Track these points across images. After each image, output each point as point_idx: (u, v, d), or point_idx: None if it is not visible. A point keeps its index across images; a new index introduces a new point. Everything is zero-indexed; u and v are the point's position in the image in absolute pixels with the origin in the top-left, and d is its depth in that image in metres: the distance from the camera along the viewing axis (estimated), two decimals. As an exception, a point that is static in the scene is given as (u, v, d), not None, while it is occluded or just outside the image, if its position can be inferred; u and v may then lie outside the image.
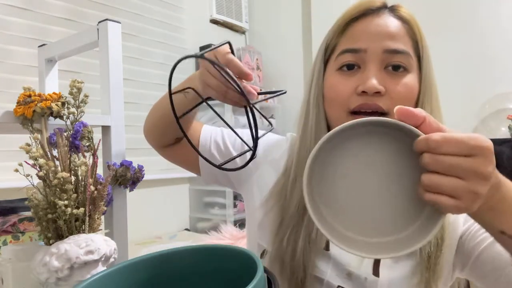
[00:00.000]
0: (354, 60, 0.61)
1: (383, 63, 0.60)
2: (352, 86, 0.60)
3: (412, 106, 0.60)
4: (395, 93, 0.59)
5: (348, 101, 0.60)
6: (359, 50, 0.60)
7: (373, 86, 0.57)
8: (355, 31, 0.62)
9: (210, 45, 2.40)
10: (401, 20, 0.62)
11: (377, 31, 0.60)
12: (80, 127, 0.61)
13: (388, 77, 0.60)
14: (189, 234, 2.24)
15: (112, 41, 0.76)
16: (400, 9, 0.63)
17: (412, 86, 0.60)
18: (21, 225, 0.93)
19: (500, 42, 2.06)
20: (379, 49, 0.59)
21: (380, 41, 0.60)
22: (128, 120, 1.87)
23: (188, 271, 0.43)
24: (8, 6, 1.60)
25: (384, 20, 0.61)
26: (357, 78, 0.60)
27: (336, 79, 0.62)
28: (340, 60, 0.62)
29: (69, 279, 0.51)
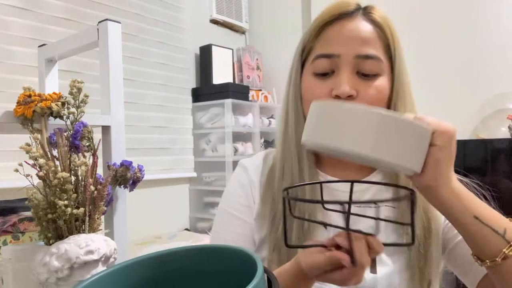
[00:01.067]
0: (328, 66, 0.64)
1: (355, 68, 0.63)
2: (327, 89, 0.64)
3: (383, 106, 0.64)
4: (367, 96, 0.62)
5: None
6: (332, 55, 0.64)
7: (345, 91, 0.61)
8: (329, 36, 0.65)
9: (210, 46, 2.41)
10: (373, 23, 0.64)
11: (350, 36, 0.64)
12: (80, 127, 0.61)
13: (360, 81, 0.63)
14: (189, 234, 2.24)
15: (112, 41, 0.76)
16: (374, 12, 0.66)
17: (383, 88, 0.64)
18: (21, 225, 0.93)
19: (500, 42, 2.06)
20: (351, 54, 0.63)
21: (352, 46, 0.63)
22: (128, 120, 1.88)
23: (188, 271, 0.43)
24: (8, 6, 1.60)
25: (357, 25, 0.64)
26: (331, 82, 0.64)
27: (312, 83, 0.66)
28: (315, 65, 0.66)
29: (69, 279, 0.51)
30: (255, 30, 2.87)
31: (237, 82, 2.62)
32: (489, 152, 1.91)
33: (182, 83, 2.35)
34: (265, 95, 2.65)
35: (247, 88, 2.45)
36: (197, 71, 2.49)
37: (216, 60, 2.43)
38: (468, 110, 2.10)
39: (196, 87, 2.45)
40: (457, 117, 2.12)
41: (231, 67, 2.56)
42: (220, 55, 2.46)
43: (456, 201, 0.51)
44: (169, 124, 2.26)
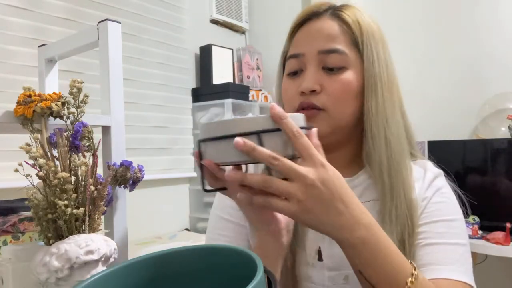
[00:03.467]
0: (297, 66, 0.67)
1: (320, 64, 0.65)
2: (296, 88, 0.66)
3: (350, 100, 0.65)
4: (331, 90, 0.64)
5: (293, 102, 0.66)
6: (298, 55, 0.67)
7: (307, 86, 0.63)
8: (298, 37, 0.69)
9: (210, 46, 2.41)
10: (340, 20, 0.66)
11: (314, 35, 0.66)
12: (80, 127, 0.61)
13: (325, 76, 0.65)
14: (189, 234, 2.23)
15: (112, 41, 0.76)
16: (342, 10, 0.67)
17: (348, 81, 0.64)
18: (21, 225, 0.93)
19: (500, 42, 2.06)
20: (314, 51, 0.65)
21: (315, 43, 0.65)
22: (128, 120, 1.88)
23: (188, 271, 0.43)
24: (8, 6, 1.60)
25: (322, 24, 0.67)
26: (299, 80, 0.66)
27: (286, 83, 0.69)
28: (287, 66, 0.70)
29: (69, 279, 0.51)
30: (255, 30, 2.87)
31: (237, 82, 2.61)
32: (489, 152, 1.91)
33: (182, 83, 2.35)
34: (265, 95, 2.64)
35: (247, 88, 2.45)
36: (197, 71, 2.49)
37: (216, 60, 2.43)
38: (468, 110, 2.10)
39: (196, 87, 2.45)
40: (457, 117, 2.13)
41: (231, 67, 2.56)
42: (220, 55, 2.46)
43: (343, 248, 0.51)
44: (169, 124, 2.26)
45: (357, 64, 0.65)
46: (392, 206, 0.62)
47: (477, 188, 1.86)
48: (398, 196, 0.62)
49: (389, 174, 0.63)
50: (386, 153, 0.64)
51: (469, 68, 2.13)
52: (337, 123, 0.65)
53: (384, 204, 0.63)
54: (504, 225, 1.71)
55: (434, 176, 0.68)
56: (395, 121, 0.66)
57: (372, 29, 0.67)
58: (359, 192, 0.68)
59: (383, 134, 0.64)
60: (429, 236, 0.61)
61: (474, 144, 1.98)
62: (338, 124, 0.65)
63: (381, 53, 0.66)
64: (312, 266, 0.65)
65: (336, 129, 0.65)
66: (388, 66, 0.67)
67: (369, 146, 0.65)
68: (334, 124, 0.64)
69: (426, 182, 0.67)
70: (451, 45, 2.17)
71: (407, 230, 0.61)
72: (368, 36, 0.66)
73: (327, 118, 0.64)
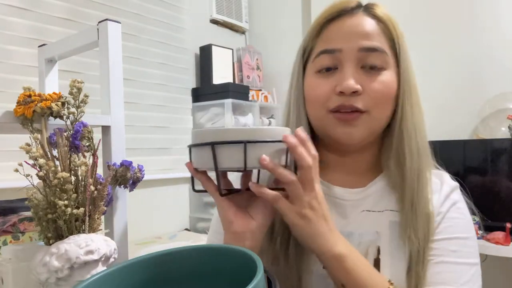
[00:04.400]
0: (330, 62, 0.62)
1: (359, 62, 0.61)
2: (331, 87, 0.61)
3: (390, 103, 0.62)
4: (373, 91, 0.60)
5: (327, 101, 0.62)
6: (334, 50, 0.61)
7: (350, 86, 0.59)
8: (330, 33, 0.64)
9: (210, 46, 2.41)
10: (376, 19, 0.63)
11: (352, 31, 0.61)
12: (80, 127, 0.61)
13: (365, 76, 0.60)
14: (189, 234, 2.23)
15: (112, 41, 0.76)
16: (375, 8, 0.64)
17: (389, 82, 0.61)
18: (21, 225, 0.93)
19: (500, 42, 2.06)
20: (354, 48, 0.60)
21: (355, 40, 0.61)
22: (128, 120, 1.88)
23: (188, 271, 0.43)
24: (8, 6, 1.60)
25: (358, 20, 0.62)
26: (335, 78, 0.61)
27: (315, 81, 0.64)
28: (318, 63, 0.64)
29: (69, 279, 0.51)
30: (255, 30, 2.87)
31: (237, 82, 2.61)
32: (489, 152, 1.91)
33: (182, 83, 2.35)
34: (265, 95, 2.65)
35: (247, 88, 2.45)
36: (197, 71, 2.49)
37: (216, 60, 2.43)
38: (468, 110, 2.10)
39: (196, 87, 2.45)
40: (457, 117, 2.13)
41: (231, 67, 2.56)
42: (220, 55, 2.46)
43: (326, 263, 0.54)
44: (169, 124, 2.26)
45: (393, 66, 0.62)
46: (414, 218, 0.60)
47: (477, 188, 1.86)
48: (418, 208, 0.60)
49: (413, 184, 0.61)
50: (412, 162, 0.61)
51: (469, 68, 2.13)
52: (376, 126, 0.62)
53: (406, 216, 0.61)
54: (504, 225, 1.71)
55: (450, 190, 0.66)
56: (423, 129, 0.64)
57: (401, 31, 0.64)
58: (373, 201, 0.65)
59: (414, 141, 0.62)
60: (442, 254, 0.60)
61: (474, 144, 1.98)
62: (376, 127, 0.62)
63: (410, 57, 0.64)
64: (316, 274, 0.63)
65: (372, 133, 0.63)
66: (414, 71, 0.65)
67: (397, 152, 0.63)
68: (373, 127, 0.62)
69: (442, 196, 0.65)
70: (451, 45, 2.17)
71: (423, 244, 0.60)
72: (403, 39, 0.63)
73: (368, 121, 0.61)
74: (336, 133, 0.62)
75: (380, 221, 0.64)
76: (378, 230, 0.63)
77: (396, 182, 0.63)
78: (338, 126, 0.61)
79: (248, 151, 0.48)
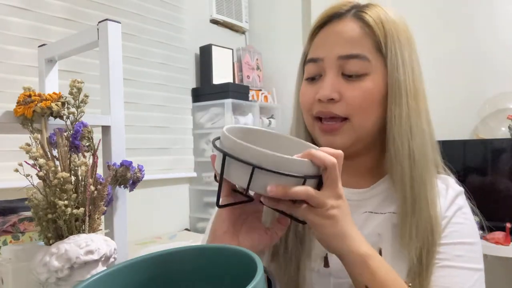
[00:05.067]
0: (315, 70, 0.64)
1: (340, 70, 0.61)
2: (314, 94, 0.63)
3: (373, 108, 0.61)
4: (350, 98, 0.60)
5: (311, 109, 0.64)
6: (317, 59, 0.63)
7: (325, 94, 0.60)
8: (317, 40, 0.65)
9: (210, 46, 2.41)
10: (362, 22, 0.62)
11: (333, 39, 0.62)
12: (80, 127, 0.61)
13: (345, 83, 0.61)
14: (189, 234, 2.23)
15: (112, 41, 0.76)
16: (366, 10, 0.63)
17: (369, 89, 0.60)
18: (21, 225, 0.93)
19: (500, 42, 2.06)
20: (334, 56, 0.61)
21: (334, 48, 0.61)
22: (128, 120, 1.88)
23: (188, 271, 0.43)
24: (8, 6, 1.60)
25: (341, 26, 0.62)
26: (317, 86, 0.63)
27: (303, 88, 0.66)
28: (306, 71, 0.66)
29: (69, 279, 0.51)
30: (255, 30, 2.87)
31: (237, 82, 2.62)
32: (489, 152, 1.91)
33: (182, 83, 2.35)
34: (265, 95, 2.65)
35: (247, 88, 2.45)
36: (197, 71, 2.49)
37: (216, 60, 2.43)
38: (468, 110, 2.10)
39: (196, 87, 2.45)
40: (457, 117, 2.13)
41: (231, 67, 2.56)
42: (220, 55, 2.46)
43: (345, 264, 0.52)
44: (169, 124, 2.26)
45: (380, 69, 0.61)
46: (413, 221, 0.60)
47: (477, 188, 1.86)
48: (419, 211, 0.60)
49: (412, 187, 0.60)
50: (409, 165, 0.61)
51: (469, 68, 2.13)
52: (359, 133, 0.62)
53: (404, 219, 0.60)
54: (504, 225, 1.71)
55: (456, 194, 0.65)
56: (420, 131, 0.62)
57: (398, 30, 0.62)
58: (376, 203, 0.65)
59: (407, 145, 0.61)
60: (447, 258, 0.60)
61: (474, 144, 1.98)
62: (361, 134, 0.62)
63: (406, 57, 0.62)
64: (317, 272, 0.63)
65: (358, 139, 0.62)
66: (414, 71, 0.63)
67: (392, 156, 0.62)
68: (357, 134, 0.62)
69: (448, 200, 0.64)
70: (451, 45, 2.17)
71: (426, 247, 0.59)
72: (393, 38, 0.61)
73: (350, 128, 0.61)
74: (321, 141, 0.63)
75: (383, 223, 0.63)
76: (380, 232, 0.63)
77: (396, 186, 0.63)
78: (322, 135, 0.63)
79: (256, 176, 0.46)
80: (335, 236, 0.50)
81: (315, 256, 0.64)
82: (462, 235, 0.62)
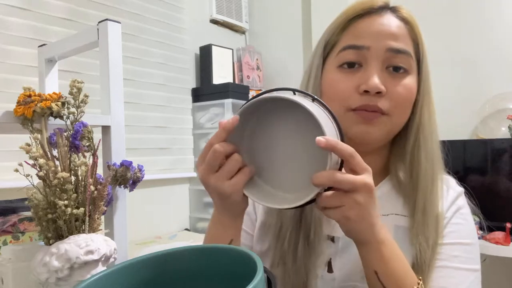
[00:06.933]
0: (356, 58, 0.60)
1: (385, 63, 0.60)
2: (353, 84, 0.59)
3: (410, 108, 0.61)
4: (395, 94, 0.59)
5: (348, 99, 0.60)
6: (362, 47, 0.60)
7: (376, 85, 0.57)
8: (358, 29, 0.62)
9: (210, 46, 2.41)
10: (403, 21, 0.62)
11: (381, 30, 0.60)
12: (80, 127, 0.61)
13: (388, 77, 0.59)
14: (189, 234, 2.23)
15: (112, 41, 0.76)
16: (402, 10, 0.63)
17: (411, 87, 0.60)
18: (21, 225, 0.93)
19: (500, 42, 2.06)
20: (382, 47, 0.59)
21: (383, 39, 0.59)
22: (128, 120, 1.88)
23: (188, 271, 0.43)
24: (8, 6, 1.60)
25: (387, 20, 0.61)
26: (359, 76, 0.60)
27: (337, 76, 0.62)
28: (341, 57, 0.62)
29: (69, 279, 0.51)
30: (255, 30, 2.87)
31: (237, 82, 2.61)
32: (489, 152, 1.91)
33: (182, 83, 2.35)
34: (265, 95, 2.64)
35: (247, 88, 2.45)
36: (197, 71, 2.49)
37: (216, 60, 2.43)
38: (468, 110, 2.10)
39: (196, 87, 2.45)
40: (457, 117, 2.13)
41: (231, 67, 2.56)
42: (220, 55, 2.46)
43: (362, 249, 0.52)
44: (169, 124, 2.26)
45: (415, 70, 0.62)
46: (424, 223, 0.60)
47: (477, 188, 1.85)
48: (429, 213, 0.60)
49: (426, 190, 0.61)
50: (427, 168, 0.61)
51: (469, 68, 2.13)
52: (393, 129, 0.61)
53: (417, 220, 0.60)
54: (504, 225, 1.71)
55: (456, 195, 0.66)
56: (436, 133, 0.64)
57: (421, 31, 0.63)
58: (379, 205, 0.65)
59: (430, 147, 0.62)
60: (444, 258, 0.60)
61: (474, 144, 1.98)
62: (394, 130, 0.62)
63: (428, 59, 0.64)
64: (321, 278, 0.63)
65: (389, 135, 0.62)
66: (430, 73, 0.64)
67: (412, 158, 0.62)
68: (390, 130, 0.61)
69: (448, 201, 0.65)
70: (451, 45, 2.17)
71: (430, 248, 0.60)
72: (422, 40, 0.63)
73: (388, 123, 0.60)
74: (353, 131, 0.60)
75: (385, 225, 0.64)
76: None
77: (406, 187, 0.63)
78: (357, 124, 0.60)
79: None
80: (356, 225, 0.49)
81: (319, 261, 0.64)
82: (460, 235, 0.62)
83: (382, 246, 0.50)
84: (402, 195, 0.63)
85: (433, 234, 0.60)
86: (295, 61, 2.62)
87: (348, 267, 0.62)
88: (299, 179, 0.49)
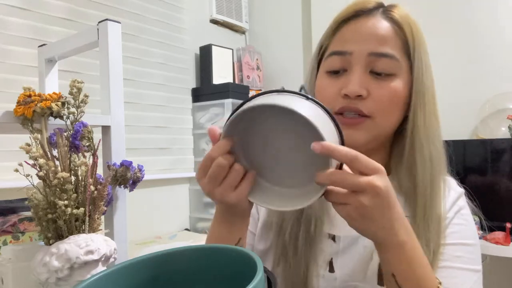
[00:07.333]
0: (340, 64, 0.62)
1: (368, 66, 0.60)
2: (337, 89, 0.61)
3: (396, 110, 0.61)
4: (378, 97, 0.59)
5: (333, 103, 0.61)
6: (345, 52, 0.61)
7: (354, 90, 0.59)
8: (344, 33, 0.63)
9: (210, 46, 2.41)
10: (392, 22, 0.61)
11: (365, 34, 0.60)
12: (80, 127, 0.61)
13: (372, 80, 0.60)
14: (189, 234, 2.23)
15: (112, 41, 0.76)
16: (394, 10, 0.62)
17: (397, 90, 0.60)
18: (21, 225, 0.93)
19: (500, 42, 2.06)
20: (364, 51, 0.60)
21: (367, 44, 0.60)
22: (128, 120, 1.88)
23: (188, 271, 0.43)
24: (8, 6, 1.60)
25: (373, 22, 0.61)
26: (342, 80, 0.61)
27: (324, 81, 0.64)
28: (328, 63, 0.63)
29: (69, 279, 0.51)
30: (255, 30, 2.87)
31: (237, 82, 2.61)
32: (489, 152, 1.91)
33: (182, 83, 2.35)
34: (265, 95, 2.64)
35: (247, 88, 2.45)
36: (197, 71, 2.49)
37: (216, 60, 2.43)
38: (468, 110, 2.10)
39: (196, 87, 2.45)
40: (457, 117, 2.13)
41: (231, 67, 2.56)
42: (220, 55, 2.46)
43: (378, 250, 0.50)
44: (169, 124, 2.26)
45: (406, 72, 0.61)
46: (426, 225, 0.60)
47: (477, 188, 1.85)
48: (431, 215, 0.60)
49: (425, 192, 0.61)
50: (425, 170, 0.61)
51: (469, 68, 2.13)
52: (379, 132, 0.61)
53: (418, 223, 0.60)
54: (504, 225, 1.71)
55: (457, 196, 0.66)
56: (438, 135, 0.63)
57: (420, 32, 0.62)
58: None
59: (428, 149, 0.61)
60: (447, 259, 0.60)
61: (474, 144, 1.98)
62: (381, 133, 0.62)
63: (428, 62, 0.62)
64: (322, 277, 0.63)
65: (375, 138, 0.62)
66: (432, 75, 0.63)
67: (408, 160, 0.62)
68: (376, 133, 0.61)
69: (449, 202, 0.64)
70: (451, 45, 2.17)
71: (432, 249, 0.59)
72: (419, 42, 0.61)
73: (372, 126, 0.60)
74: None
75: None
76: None
77: (406, 188, 0.63)
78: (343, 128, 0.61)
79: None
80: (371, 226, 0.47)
81: (320, 261, 0.64)
82: (462, 236, 0.62)
83: (400, 249, 0.48)
84: (403, 195, 0.63)
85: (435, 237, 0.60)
86: (295, 61, 2.62)
87: (349, 267, 0.62)
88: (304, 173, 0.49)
